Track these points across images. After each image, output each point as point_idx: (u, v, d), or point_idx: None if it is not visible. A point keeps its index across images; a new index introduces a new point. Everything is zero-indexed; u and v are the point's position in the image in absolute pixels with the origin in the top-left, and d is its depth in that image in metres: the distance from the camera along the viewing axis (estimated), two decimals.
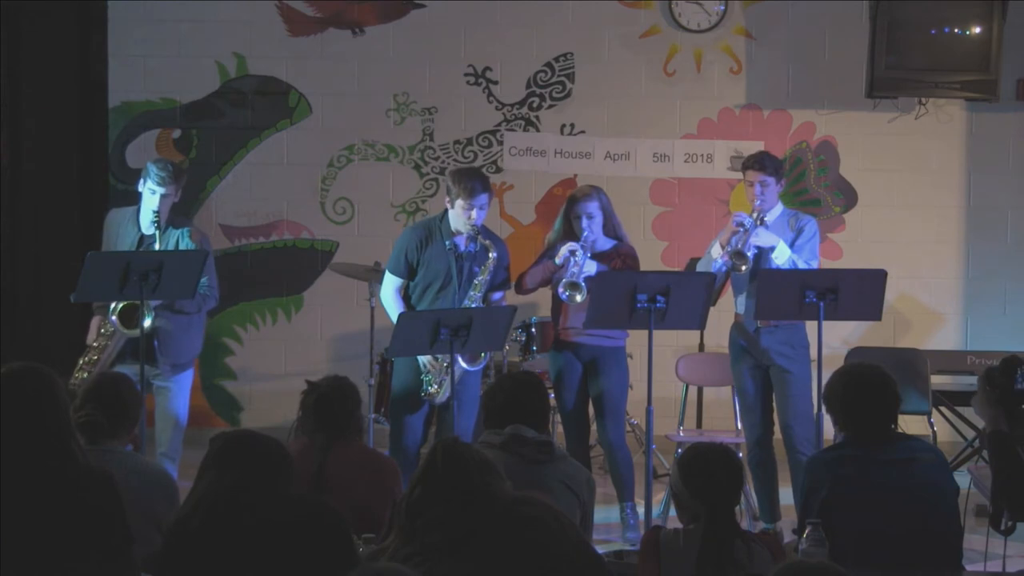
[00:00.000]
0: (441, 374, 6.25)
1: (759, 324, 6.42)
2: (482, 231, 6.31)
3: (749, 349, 6.50)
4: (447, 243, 6.33)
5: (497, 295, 6.48)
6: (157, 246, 6.27)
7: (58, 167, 8.55)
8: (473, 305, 6.27)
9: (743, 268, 6.31)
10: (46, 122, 8.52)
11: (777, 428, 6.55)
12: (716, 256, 6.41)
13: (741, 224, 6.34)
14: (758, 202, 6.42)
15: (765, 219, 6.43)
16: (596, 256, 6.54)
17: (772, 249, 6.35)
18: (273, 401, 8.65)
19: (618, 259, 6.59)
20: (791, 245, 6.39)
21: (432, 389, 6.28)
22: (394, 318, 6.18)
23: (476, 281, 6.31)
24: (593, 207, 6.57)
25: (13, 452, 3.45)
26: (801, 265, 6.35)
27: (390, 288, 6.45)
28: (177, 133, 8.88)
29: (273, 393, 8.74)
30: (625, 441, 6.79)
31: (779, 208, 6.56)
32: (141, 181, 6.40)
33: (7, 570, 3.36)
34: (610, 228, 6.65)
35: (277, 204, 8.93)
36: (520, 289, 6.71)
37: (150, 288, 5.89)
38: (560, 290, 6.44)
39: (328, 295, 8.86)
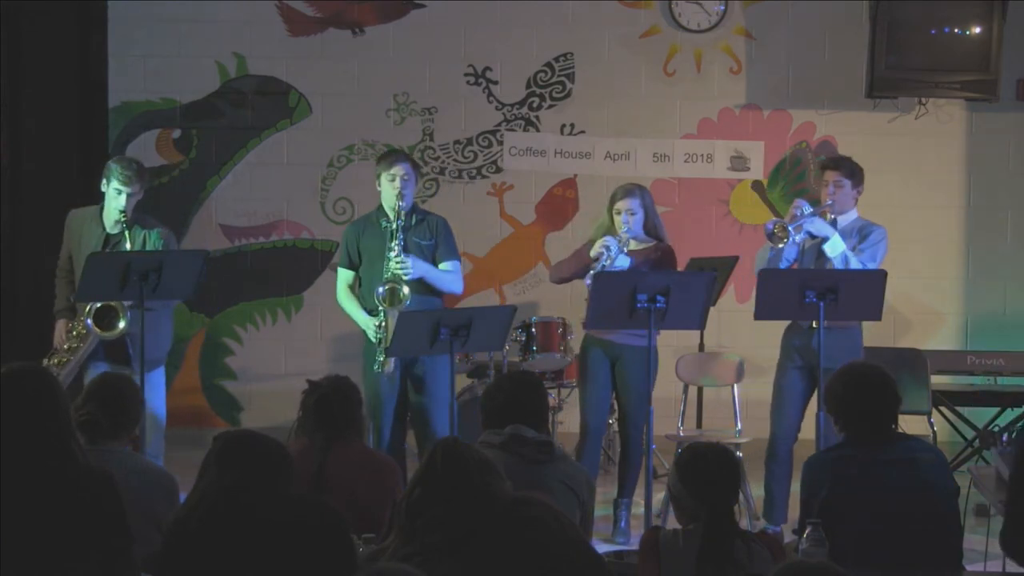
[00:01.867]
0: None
1: (814, 324, 6.38)
2: (416, 210, 6.47)
3: (800, 350, 6.47)
4: (382, 223, 6.40)
5: (450, 264, 6.47)
6: (129, 246, 6.26)
7: (58, 167, 8.54)
8: (401, 266, 6.26)
9: (780, 245, 6.32)
10: (46, 122, 8.51)
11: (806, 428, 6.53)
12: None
13: (800, 208, 6.39)
14: (829, 201, 6.47)
15: (836, 219, 6.46)
16: (634, 253, 6.55)
17: (826, 240, 6.36)
18: (273, 401, 8.64)
19: (655, 257, 6.59)
20: (853, 249, 6.39)
21: (380, 362, 6.32)
22: (352, 314, 6.49)
23: (393, 244, 6.30)
24: (635, 204, 6.60)
25: (13, 452, 3.45)
26: (853, 262, 6.34)
27: (341, 284, 6.59)
28: (177, 133, 8.88)
29: (273, 393, 8.73)
30: (640, 440, 6.79)
31: (853, 214, 6.55)
32: (104, 181, 6.37)
33: (7, 570, 3.36)
34: (651, 227, 6.67)
35: (277, 204, 8.93)
36: (554, 277, 6.85)
37: (150, 288, 5.91)
38: (587, 280, 6.46)
39: (328, 295, 8.75)
